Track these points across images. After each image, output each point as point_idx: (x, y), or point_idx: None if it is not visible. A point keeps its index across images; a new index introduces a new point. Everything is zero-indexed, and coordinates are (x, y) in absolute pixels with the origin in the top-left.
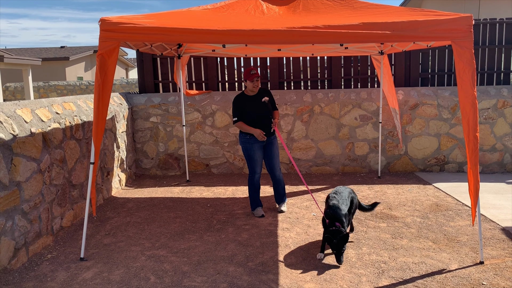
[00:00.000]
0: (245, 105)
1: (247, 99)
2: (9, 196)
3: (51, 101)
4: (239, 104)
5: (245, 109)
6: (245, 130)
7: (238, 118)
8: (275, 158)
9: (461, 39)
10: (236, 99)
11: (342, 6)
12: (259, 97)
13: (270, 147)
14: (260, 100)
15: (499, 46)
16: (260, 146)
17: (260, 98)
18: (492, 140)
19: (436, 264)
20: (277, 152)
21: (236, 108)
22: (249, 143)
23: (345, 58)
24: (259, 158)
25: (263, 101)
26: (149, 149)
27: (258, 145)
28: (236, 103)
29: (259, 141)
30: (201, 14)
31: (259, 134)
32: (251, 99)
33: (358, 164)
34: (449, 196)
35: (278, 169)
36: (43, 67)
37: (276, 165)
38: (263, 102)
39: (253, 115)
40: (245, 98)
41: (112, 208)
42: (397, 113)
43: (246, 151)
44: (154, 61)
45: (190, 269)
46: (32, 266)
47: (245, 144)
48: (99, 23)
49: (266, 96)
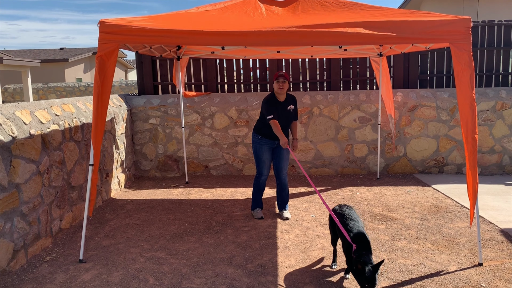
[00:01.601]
0: (273, 106)
1: (276, 104)
2: (8, 198)
3: (50, 103)
4: (270, 103)
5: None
6: (275, 131)
7: (274, 116)
8: (283, 161)
9: (460, 41)
10: (268, 99)
11: (341, 8)
12: (286, 104)
13: (280, 149)
14: (286, 108)
15: (497, 48)
16: (270, 148)
17: (287, 105)
18: (490, 141)
19: (435, 266)
20: (287, 156)
21: (270, 106)
22: (260, 144)
23: (344, 60)
24: (267, 160)
25: (288, 108)
26: (148, 150)
27: (267, 147)
28: (269, 103)
29: (271, 144)
30: (200, 16)
31: (285, 143)
32: (279, 104)
33: (357, 166)
34: (448, 198)
35: (284, 173)
36: (42, 69)
37: (284, 168)
38: (288, 110)
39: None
40: (274, 102)
41: (111, 210)
42: (393, 120)
43: (255, 151)
44: (153, 63)
45: (189, 271)
46: (31, 268)
47: (255, 144)
48: (98, 25)
49: (292, 104)
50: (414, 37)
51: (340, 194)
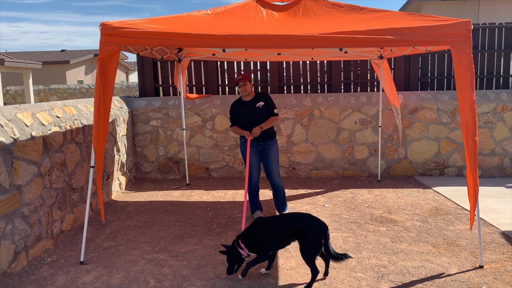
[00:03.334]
0: (238, 110)
1: (241, 104)
2: (9, 200)
3: (52, 104)
4: (233, 109)
5: (238, 114)
6: (238, 133)
7: (232, 123)
8: (271, 163)
9: (460, 44)
10: (233, 104)
11: (341, 11)
12: (254, 102)
13: (267, 152)
14: (254, 106)
15: (498, 50)
16: (256, 150)
17: (255, 103)
18: (491, 144)
19: (436, 268)
20: (274, 158)
21: (231, 113)
22: (244, 146)
23: (345, 62)
24: (254, 162)
25: (257, 106)
26: (149, 152)
27: (253, 149)
28: (231, 108)
29: (255, 145)
30: (202, 19)
31: (246, 134)
32: (244, 104)
33: (358, 168)
34: (448, 200)
35: (276, 175)
36: (43, 71)
37: (274, 171)
38: (257, 108)
39: (243, 120)
40: (239, 104)
41: (112, 212)
42: (399, 113)
43: (242, 153)
44: (155, 65)
45: (190, 273)
46: (32, 270)
47: (241, 147)
48: (99, 27)
49: (261, 101)
50: (414, 40)
51: (340, 196)
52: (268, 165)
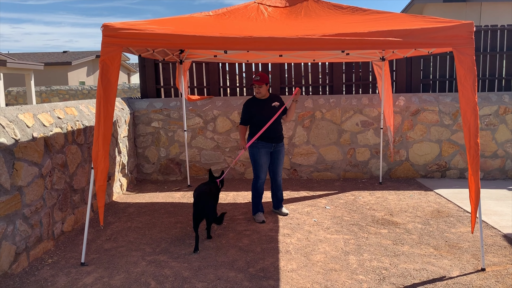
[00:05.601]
0: (253, 108)
1: (256, 103)
2: (10, 201)
3: (53, 106)
4: (247, 107)
5: (252, 113)
6: (239, 136)
7: (242, 122)
8: (280, 165)
9: (462, 46)
10: (246, 102)
11: (343, 13)
12: (270, 101)
13: (277, 154)
14: (270, 104)
15: (500, 52)
16: (267, 152)
17: (271, 102)
18: (493, 146)
19: (437, 270)
20: (282, 159)
21: (244, 112)
22: (257, 148)
23: (347, 64)
24: (265, 164)
25: (273, 105)
26: (151, 154)
27: (265, 150)
28: (244, 107)
29: (267, 146)
30: (203, 20)
31: (242, 148)
32: (259, 103)
33: (359, 170)
34: (450, 203)
35: (280, 175)
36: (45, 72)
37: (280, 172)
38: (273, 106)
39: (257, 118)
40: (255, 103)
41: (113, 213)
42: (391, 132)
43: (252, 155)
44: (156, 66)
45: (191, 275)
46: (33, 271)
47: (252, 148)
48: (101, 29)
49: (277, 101)
50: (416, 42)
51: (342, 198)
52: (276, 166)
